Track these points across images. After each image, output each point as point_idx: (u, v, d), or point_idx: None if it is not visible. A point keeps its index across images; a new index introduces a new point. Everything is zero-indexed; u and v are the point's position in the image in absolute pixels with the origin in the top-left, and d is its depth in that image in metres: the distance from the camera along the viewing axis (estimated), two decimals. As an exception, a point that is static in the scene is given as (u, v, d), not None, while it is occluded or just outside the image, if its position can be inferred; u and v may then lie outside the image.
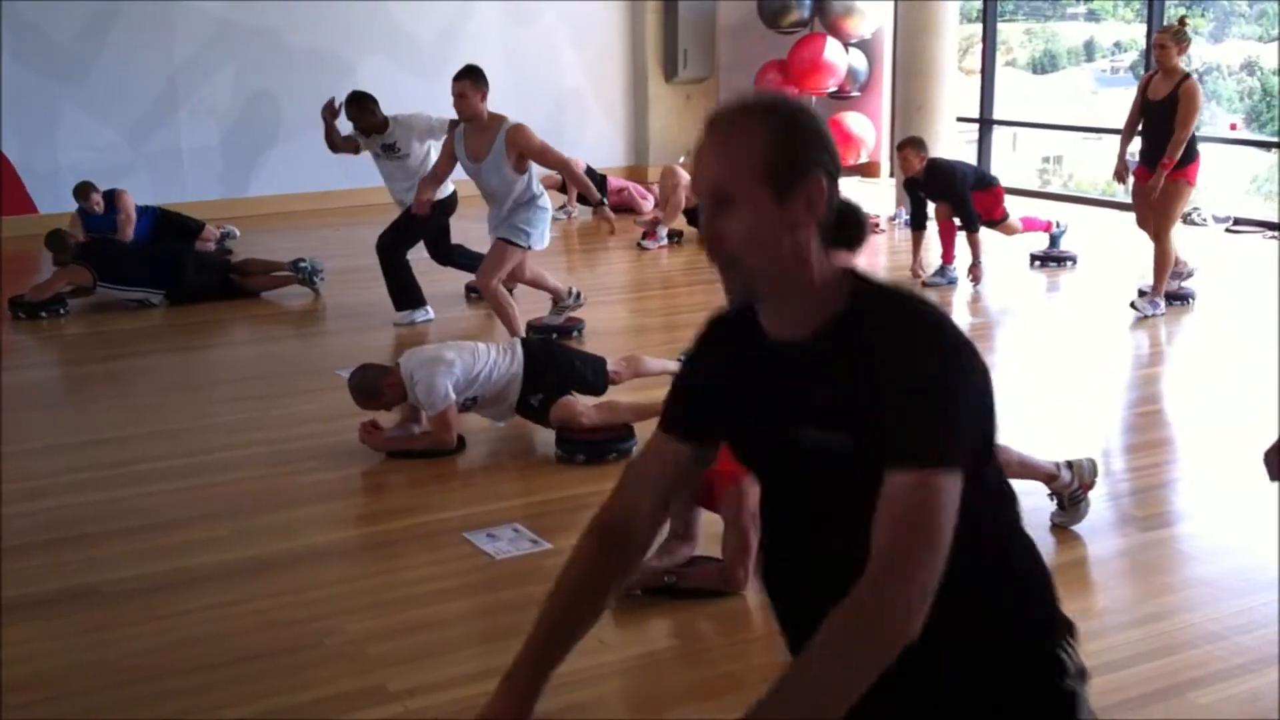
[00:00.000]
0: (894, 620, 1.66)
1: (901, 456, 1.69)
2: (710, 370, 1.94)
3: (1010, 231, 9.06)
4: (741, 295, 1.83)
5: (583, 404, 5.46)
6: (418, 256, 7.98)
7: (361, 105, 7.89)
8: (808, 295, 1.79)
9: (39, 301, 8.25)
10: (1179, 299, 7.89)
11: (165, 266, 8.56)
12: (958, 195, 8.54)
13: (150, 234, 9.68)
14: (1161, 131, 7.49)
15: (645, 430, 5.54)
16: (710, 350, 1.96)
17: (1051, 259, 9.21)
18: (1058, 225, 9.29)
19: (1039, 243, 9.38)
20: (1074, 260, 9.18)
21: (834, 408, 1.77)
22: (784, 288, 1.79)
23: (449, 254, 8.28)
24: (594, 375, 5.71)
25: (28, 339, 7.92)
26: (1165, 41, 7.49)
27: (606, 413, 5.45)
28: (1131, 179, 7.85)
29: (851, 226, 1.84)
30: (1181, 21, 7.67)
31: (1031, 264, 9.22)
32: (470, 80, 6.84)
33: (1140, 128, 7.73)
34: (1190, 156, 7.54)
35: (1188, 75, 7.49)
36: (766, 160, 1.73)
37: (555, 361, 5.64)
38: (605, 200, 7.18)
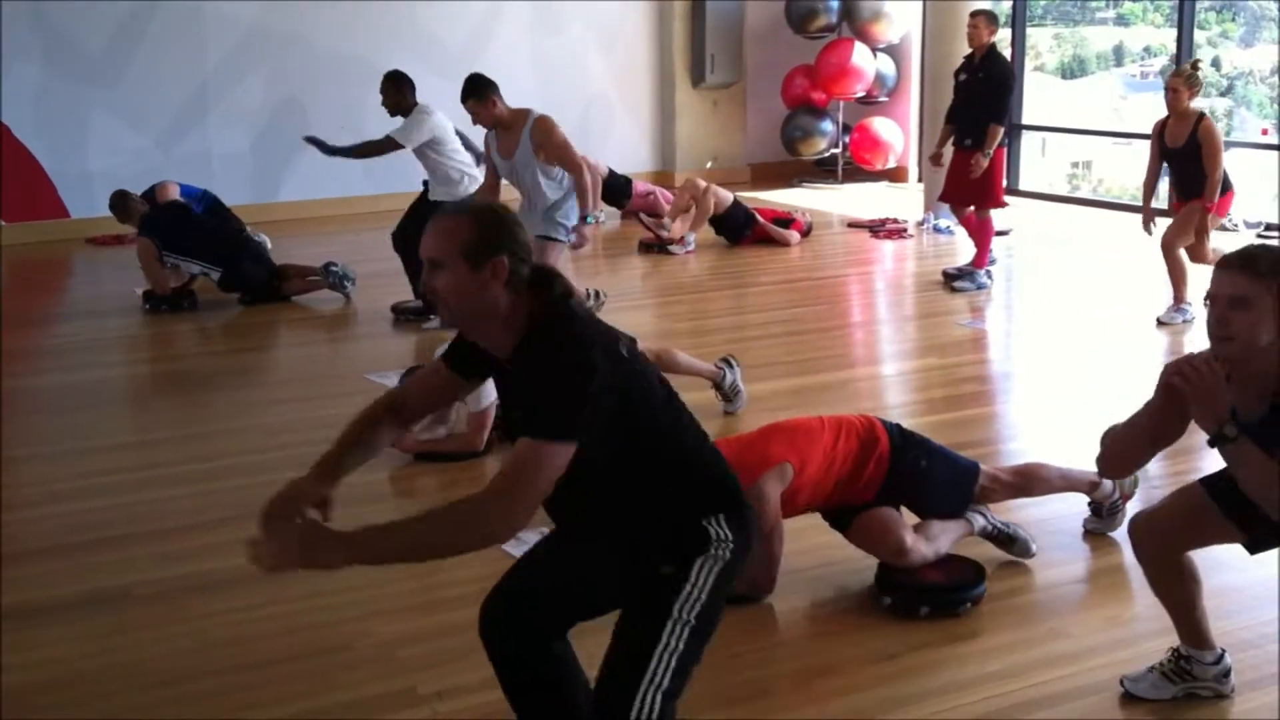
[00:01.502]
0: (475, 527, 2.55)
1: (525, 429, 2.55)
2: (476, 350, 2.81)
3: (986, 208, 8.81)
4: (451, 324, 2.80)
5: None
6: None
7: (393, 82, 7.86)
8: (499, 330, 2.67)
9: (166, 295, 8.39)
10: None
11: (226, 245, 8.59)
12: (1002, 84, 8.52)
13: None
14: (1189, 175, 7.52)
15: None
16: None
17: (964, 275, 8.81)
18: (993, 259, 9.00)
19: (964, 258, 9.11)
20: (985, 288, 8.75)
21: (519, 399, 2.70)
22: (478, 325, 2.71)
23: None
24: None
25: (69, 341, 7.95)
26: (1178, 85, 7.46)
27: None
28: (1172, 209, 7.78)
29: (543, 285, 2.68)
30: (1194, 65, 7.65)
31: (946, 281, 8.85)
32: (474, 99, 6.84)
33: (1166, 170, 7.71)
34: (1224, 189, 7.53)
35: (1202, 115, 7.46)
36: (465, 243, 2.61)
37: None
38: (595, 218, 7.12)
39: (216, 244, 8.54)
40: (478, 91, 6.85)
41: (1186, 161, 7.51)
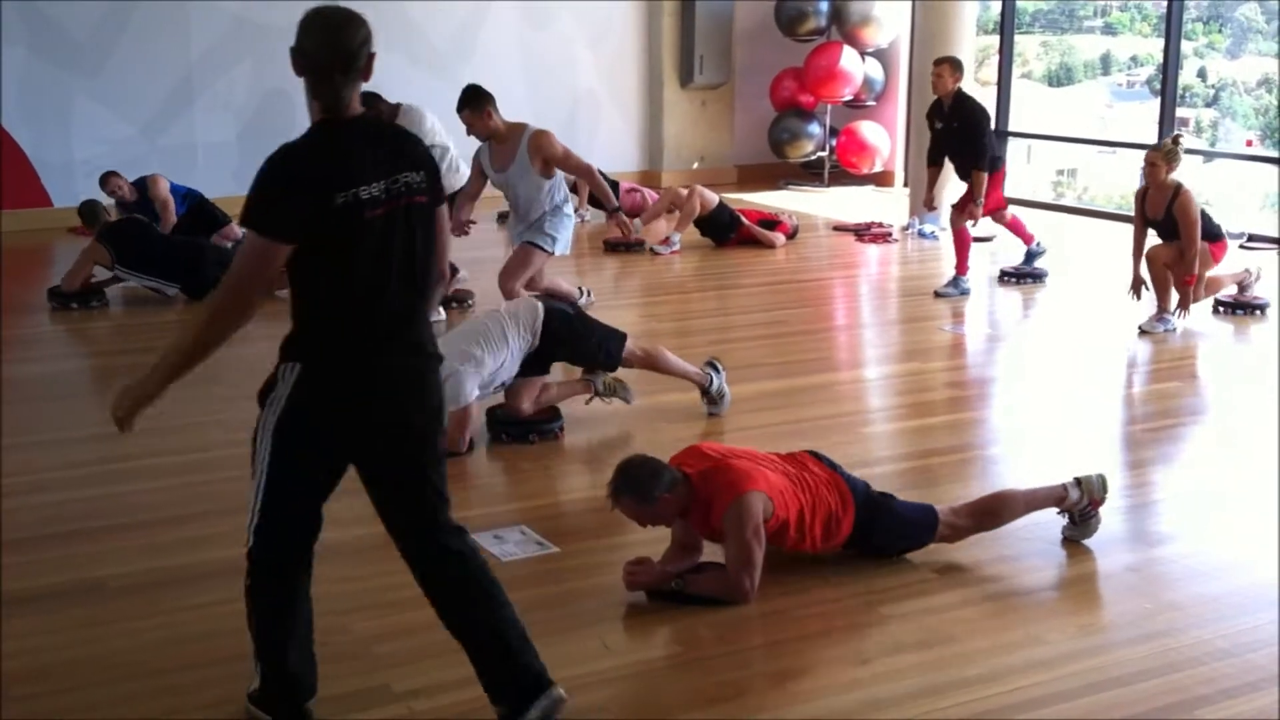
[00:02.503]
0: (216, 319, 3.02)
1: None
2: None
3: (1001, 220, 9.04)
4: None
5: (529, 393, 5.70)
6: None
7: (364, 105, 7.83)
8: None
9: (73, 292, 8.27)
10: (1250, 308, 7.96)
11: (185, 260, 8.49)
12: (976, 128, 8.54)
13: (183, 219, 9.69)
14: (1176, 236, 7.55)
15: (570, 407, 5.76)
16: None
17: (1022, 275, 9.08)
18: (1038, 244, 9.18)
19: (1013, 258, 9.27)
20: (1044, 278, 9.05)
21: None
22: None
23: None
24: (606, 356, 5.78)
25: (48, 331, 7.92)
26: (1156, 160, 7.50)
27: (545, 398, 5.80)
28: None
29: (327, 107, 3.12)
30: (1175, 140, 7.67)
31: (1001, 279, 9.08)
32: (469, 109, 6.81)
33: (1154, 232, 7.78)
34: (1216, 238, 7.55)
35: (1179, 189, 7.49)
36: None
37: (572, 340, 5.71)
38: (620, 207, 7.32)
39: (173, 260, 8.46)
40: (474, 103, 6.81)
41: (1169, 231, 7.57)
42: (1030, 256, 9.20)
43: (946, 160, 8.94)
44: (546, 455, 5.57)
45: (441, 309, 7.90)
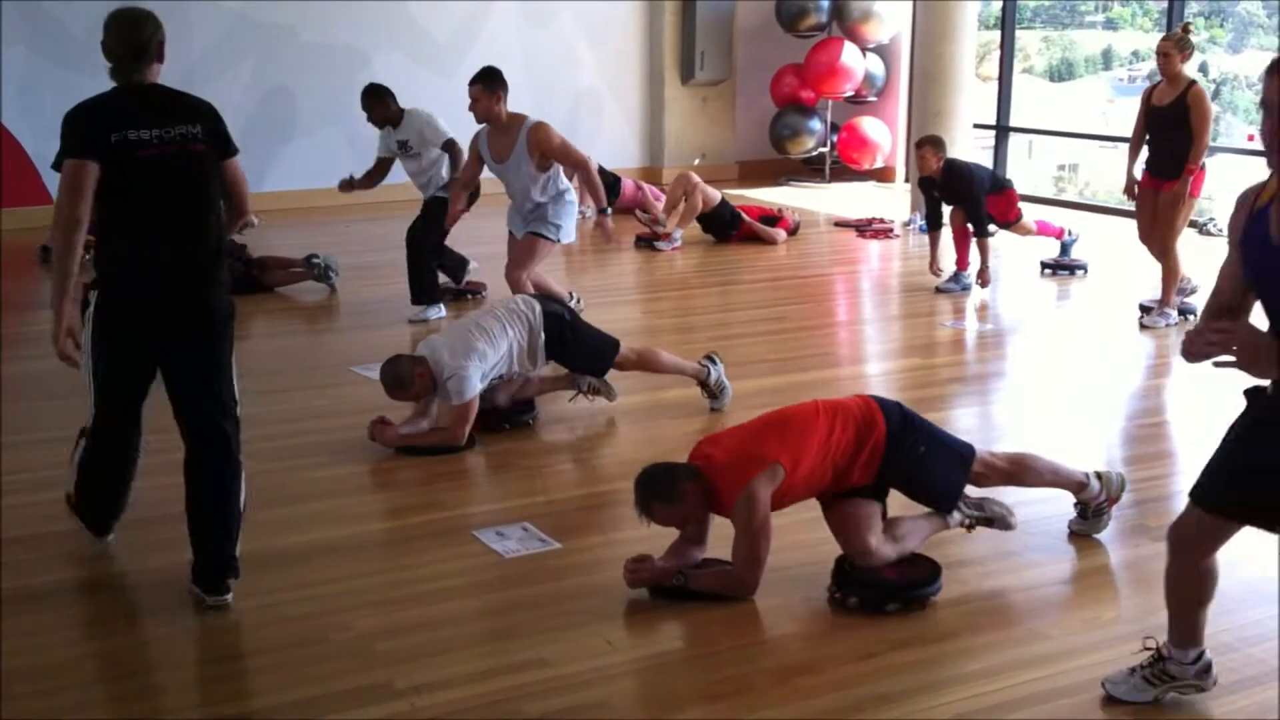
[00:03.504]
0: (56, 225, 3.86)
1: None
2: None
3: (1024, 232, 9.12)
4: None
5: (507, 388, 5.78)
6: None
7: (376, 97, 7.89)
8: None
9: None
10: (1180, 314, 7.84)
11: None
12: (972, 199, 8.53)
13: None
14: (1169, 139, 7.45)
15: (574, 406, 5.82)
16: None
17: (1062, 267, 9.20)
18: (1069, 233, 9.28)
19: (1050, 250, 9.37)
20: (1084, 269, 9.16)
21: None
22: None
23: (440, 252, 8.26)
24: (597, 365, 5.85)
25: (43, 329, 7.90)
26: (1169, 49, 7.43)
27: (526, 391, 5.89)
28: (1138, 189, 7.77)
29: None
30: (1185, 29, 7.64)
31: (1042, 271, 9.20)
32: (483, 85, 6.83)
33: (1147, 137, 7.68)
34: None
35: (1193, 82, 7.45)
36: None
37: (563, 347, 5.75)
38: (609, 209, 7.23)
39: None
40: (489, 81, 6.84)
41: (1170, 124, 7.43)
42: (1065, 248, 9.28)
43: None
44: (548, 453, 5.57)
45: (442, 306, 7.90)
